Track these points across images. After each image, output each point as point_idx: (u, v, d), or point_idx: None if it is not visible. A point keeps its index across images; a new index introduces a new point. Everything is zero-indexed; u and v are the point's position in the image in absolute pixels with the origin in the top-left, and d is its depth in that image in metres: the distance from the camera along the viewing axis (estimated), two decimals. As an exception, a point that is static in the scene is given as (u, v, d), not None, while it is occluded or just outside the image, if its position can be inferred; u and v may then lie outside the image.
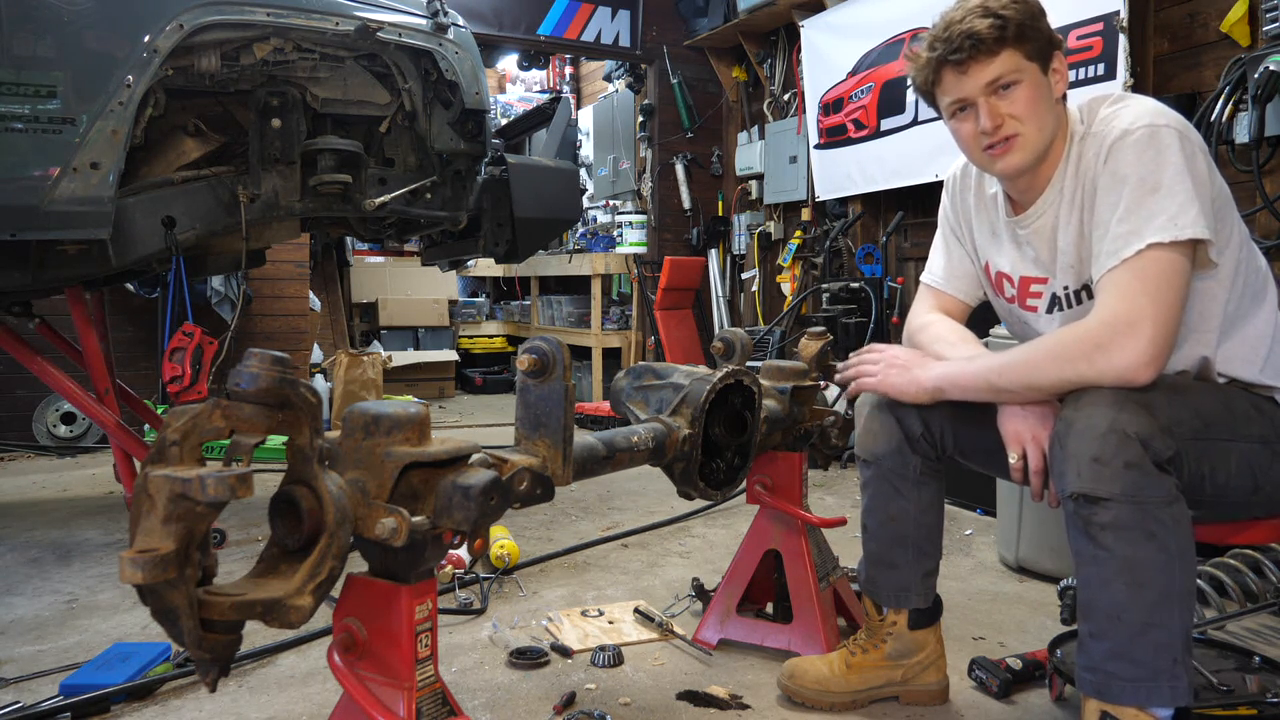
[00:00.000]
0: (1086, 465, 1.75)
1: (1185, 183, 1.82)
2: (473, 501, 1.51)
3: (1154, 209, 1.82)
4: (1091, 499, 1.75)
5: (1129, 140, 1.88)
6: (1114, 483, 1.73)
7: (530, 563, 3.57)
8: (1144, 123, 1.88)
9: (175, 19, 3.13)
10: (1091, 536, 1.77)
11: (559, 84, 11.34)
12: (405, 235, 4.50)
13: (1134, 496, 1.72)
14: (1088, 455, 1.75)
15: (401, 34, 3.59)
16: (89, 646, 2.76)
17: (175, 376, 3.43)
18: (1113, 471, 1.73)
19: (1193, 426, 1.84)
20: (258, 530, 3.99)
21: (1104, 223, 1.90)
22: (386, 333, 9.22)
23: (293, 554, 1.44)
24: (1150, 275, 1.81)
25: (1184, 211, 1.81)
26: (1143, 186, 1.85)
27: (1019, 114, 1.96)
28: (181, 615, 1.29)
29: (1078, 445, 1.77)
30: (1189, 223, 1.80)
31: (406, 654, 1.56)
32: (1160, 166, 1.84)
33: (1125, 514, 1.73)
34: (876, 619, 2.41)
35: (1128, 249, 1.83)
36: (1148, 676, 1.76)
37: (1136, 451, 1.72)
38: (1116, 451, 1.73)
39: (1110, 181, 1.90)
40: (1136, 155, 1.87)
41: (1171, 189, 1.82)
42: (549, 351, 1.85)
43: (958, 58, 1.95)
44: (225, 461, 1.32)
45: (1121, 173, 1.88)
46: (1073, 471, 1.77)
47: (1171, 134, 1.86)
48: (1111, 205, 1.89)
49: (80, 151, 3.02)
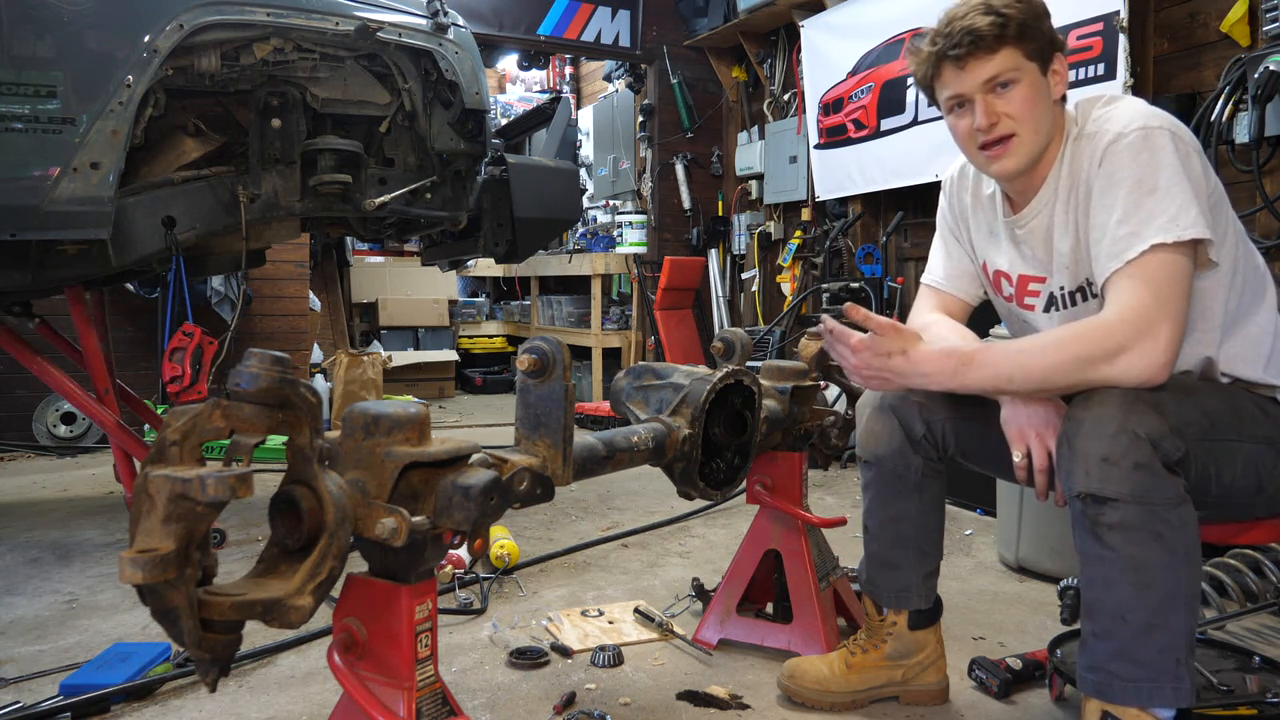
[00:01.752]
0: (1095, 465, 1.75)
1: (1182, 183, 1.83)
2: (473, 501, 1.51)
3: (1153, 210, 1.82)
4: (1099, 499, 1.75)
5: (1123, 143, 1.89)
6: (1123, 483, 1.73)
7: (530, 563, 3.57)
8: (1137, 125, 1.88)
9: (175, 19, 3.13)
10: (1098, 536, 1.77)
11: (559, 84, 11.34)
12: (405, 235, 4.50)
13: (1142, 497, 1.72)
14: (1097, 455, 1.75)
15: (401, 34, 3.59)
16: (89, 646, 2.76)
17: (175, 376, 3.42)
18: (1122, 472, 1.73)
19: (1201, 427, 1.84)
20: (258, 530, 3.99)
21: (1101, 225, 1.90)
22: (386, 333, 9.22)
23: (293, 554, 1.44)
24: (1160, 276, 1.81)
25: (1184, 212, 1.81)
26: (1140, 188, 1.85)
27: (1015, 113, 1.97)
28: (181, 615, 1.29)
29: (1087, 445, 1.77)
30: (1190, 222, 1.80)
31: (406, 654, 1.56)
32: (1156, 168, 1.84)
33: (1133, 515, 1.73)
34: (876, 619, 2.41)
35: (1130, 250, 1.83)
36: (1150, 677, 1.76)
37: (1146, 452, 1.73)
38: (1126, 452, 1.73)
39: (1106, 184, 1.90)
40: (1132, 158, 1.87)
41: (1169, 190, 1.83)
42: (549, 351, 1.85)
43: (957, 54, 1.96)
44: (225, 461, 1.32)
45: (1117, 176, 1.88)
46: (1081, 471, 1.77)
47: (1165, 135, 1.86)
48: (1108, 208, 1.89)
49: (80, 151, 3.02)
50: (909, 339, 1.98)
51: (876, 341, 1.97)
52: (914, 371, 1.96)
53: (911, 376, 1.97)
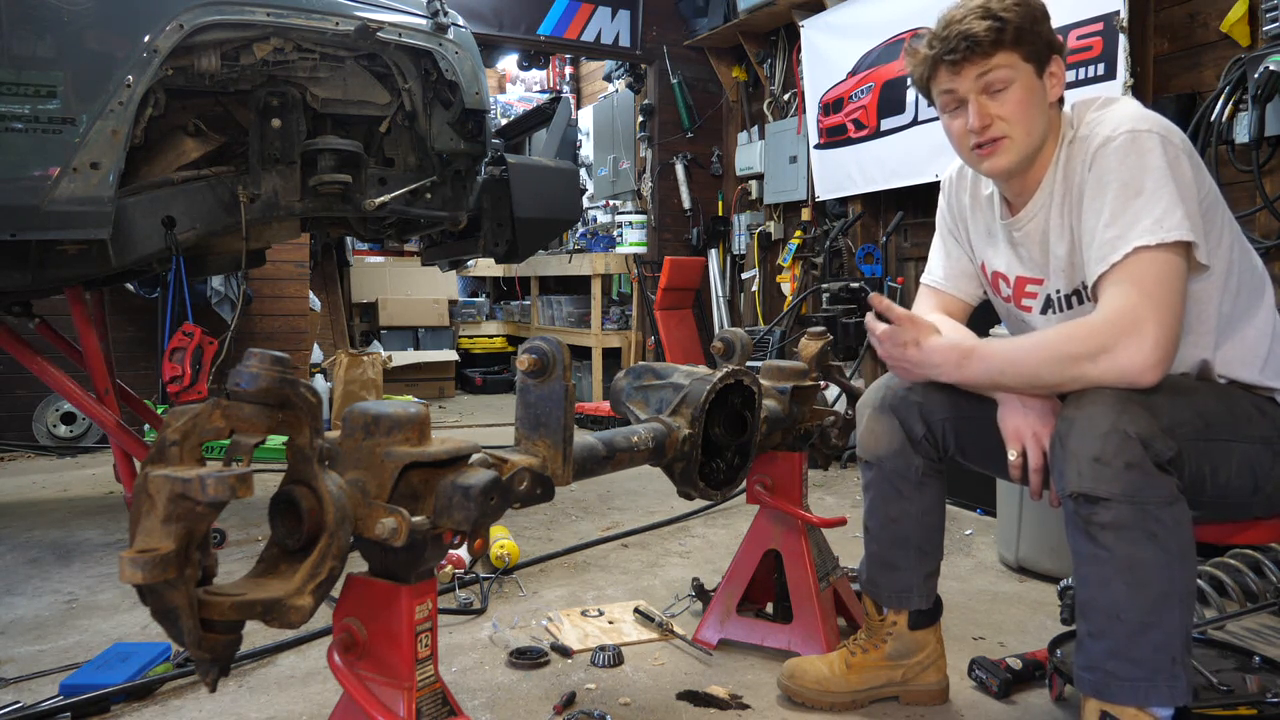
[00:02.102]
0: (1087, 465, 1.76)
1: (1168, 186, 1.84)
2: (473, 501, 1.51)
3: (1138, 212, 1.84)
4: (1091, 499, 1.76)
5: (1111, 147, 1.90)
6: (1114, 483, 1.73)
7: (530, 563, 3.57)
8: (1125, 128, 1.90)
9: (175, 19, 3.13)
10: (1091, 536, 1.78)
11: (559, 84, 11.34)
12: (405, 235, 4.50)
13: (1134, 497, 1.73)
14: (1088, 455, 1.76)
15: (401, 34, 3.60)
16: (89, 646, 2.76)
17: (175, 376, 3.43)
18: (1113, 471, 1.74)
19: (1195, 427, 1.84)
20: (258, 530, 4.00)
21: (1090, 229, 1.92)
22: (386, 333, 9.22)
23: (293, 554, 1.44)
24: (1146, 277, 1.82)
25: (1169, 214, 1.82)
26: (1126, 191, 1.86)
27: (1008, 116, 1.99)
28: (181, 615, 1.29)
29: (1079, 444, 1.78)
30: (1174, 225, 1.81)
31: (406, 654, 1.56)
32: (1143, 171, 1.86)
33: (1125, 514, 1.74)
34: (876, 619, 2.41)
35: (1115, 253, 1.84)
36: (1146, 676, 1.77)
37: (1137, 452, 1.73)
38: (1117, 451, 1.74)
39: (1095, 188, 1.92)
40: (1119, 161, 1.88)
41: (1155, 193, 1.84)
42: (549, 351, 1.86)
43: (952, 58, 1.98)
44: (225, 461, 1.32)
45: (1105, 179, 1.90)
46: (1073, 471, 1.78)
47: (1153, 139, 1.87)
48: (1096, 211, 1.91)
49: (80, 151, 3.02)
50: (924, 330, 2.05)
51: (894, 332, 2.06)
52: (926, 362, 2.04)
53: (924, 366, 2.04)
